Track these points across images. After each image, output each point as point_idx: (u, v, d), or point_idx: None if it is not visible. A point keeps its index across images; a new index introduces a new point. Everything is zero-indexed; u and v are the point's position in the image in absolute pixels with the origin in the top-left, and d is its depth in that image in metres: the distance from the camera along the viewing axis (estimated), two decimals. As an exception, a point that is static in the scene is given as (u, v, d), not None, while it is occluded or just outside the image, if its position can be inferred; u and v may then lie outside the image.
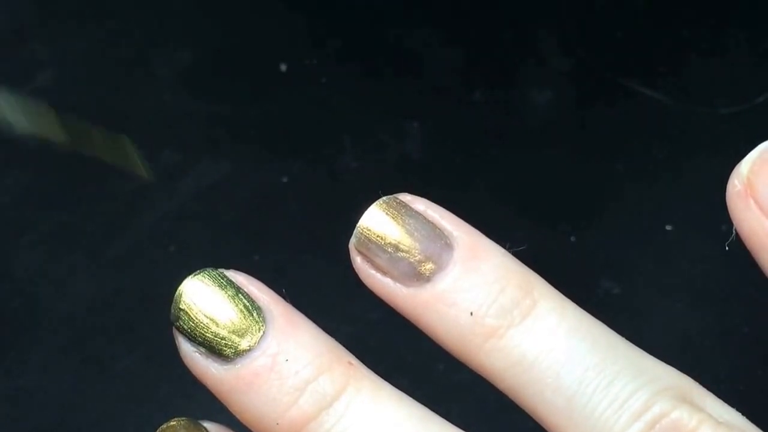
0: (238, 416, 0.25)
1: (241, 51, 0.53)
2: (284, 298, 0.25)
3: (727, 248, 0.26)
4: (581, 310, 0.25)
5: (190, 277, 0.25)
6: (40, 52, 0.52)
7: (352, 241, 0.25)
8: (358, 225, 0.25)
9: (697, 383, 0.24)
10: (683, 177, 0.50)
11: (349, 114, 0.51)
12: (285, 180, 0.50)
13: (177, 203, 0.49)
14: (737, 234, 0.24)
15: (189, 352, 0.25)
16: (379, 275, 0.25)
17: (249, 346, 0.25)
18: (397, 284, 0.25)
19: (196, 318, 0.25)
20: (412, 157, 0.50)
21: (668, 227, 0.49)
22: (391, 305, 0.25)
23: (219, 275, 0.25)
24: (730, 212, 0.24)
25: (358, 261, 0.25)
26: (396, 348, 0.44)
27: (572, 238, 0.49)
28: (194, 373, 0.25)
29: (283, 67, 0.52)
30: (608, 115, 0.53)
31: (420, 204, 0.25)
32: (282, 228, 0.49)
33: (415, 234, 0.25)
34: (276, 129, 0.51)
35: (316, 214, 0.49)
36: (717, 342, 0.46)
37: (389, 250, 0.25)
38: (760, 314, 0.46)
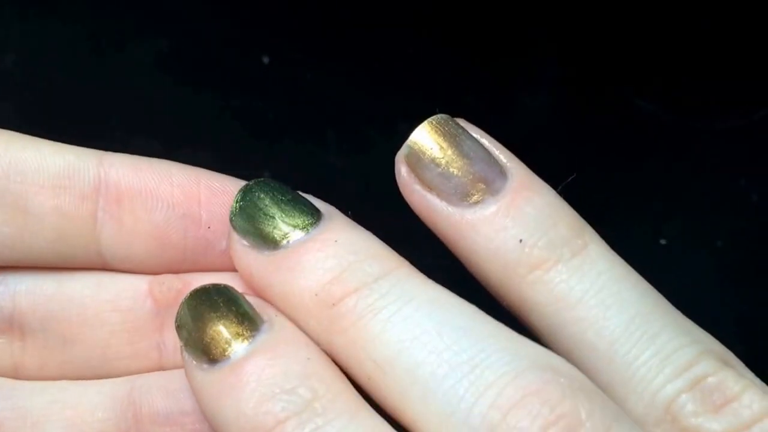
0: (278, 300, 0.24)
1: (222, 40, 0.51)
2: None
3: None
4: (629, 266, 0.24)
5: (253, 181, 0.25)
6: (6, 36, 0.50)
7: (402, 152, 0.24)
8: (410, 137, 0.24)
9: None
10: (678, 190, 0.49)
11: (334, 111, 0.50)
12: (267, 175, 0.48)
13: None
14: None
15: (240, 248, 0.24)
16: (424, 191, 0.24)
17: (300, 234, 0.24)
18: (443, 202, 0.24)
19: (250, 212, 0.24)
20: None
21: (663, 241, 0.47)
22: (431, 225, 0.24)
23: (280, 184, 0.25)
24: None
25: (403, 173, 0.24)
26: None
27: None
28: (242, 267, 0.24)
29: (266, 60, 0.50)
30: (602, 125, 0.51)
31: (476, 131, 0.25)
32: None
33: (471, 154, 0.24)
34: (257, 123, 0.49)
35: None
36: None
37: (442, 164, 0.24)
38: (753, 333, 0.45)
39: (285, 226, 0.24)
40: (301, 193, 0.25)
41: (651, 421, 0.22)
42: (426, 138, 0.24)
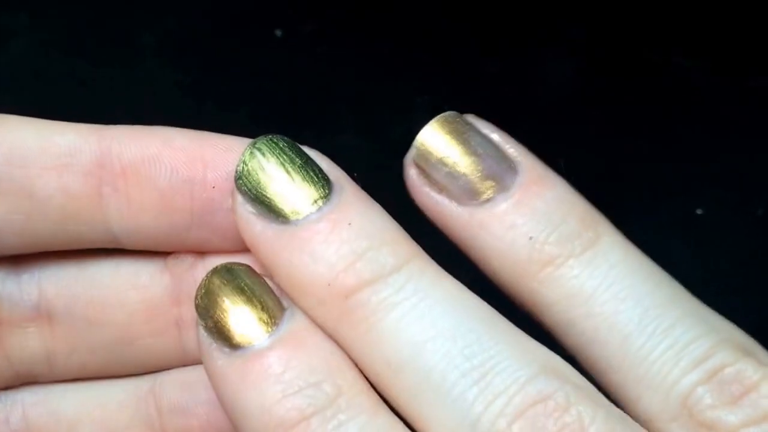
0: (284, 281, 0.23)
1: (233, 14, 0.50)
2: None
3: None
4: (645, 255, 0.24)
5: (261, 138, 0.24)
6: (16, 19, 0.49)
7: (410, 154, 0.24)
8: (417, 138, 0.24)
9: (761, 346, 0.23)
10: (713, 156, 0.47)
11: (350, 87, 0.48)
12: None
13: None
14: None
15: (245, 214, 0.24)
16: (433, 192, 0.24)
17: (310, 210, 0.23)
18: (452, 202, 0.24)
19: (257, 177, 0.24)
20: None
21: (699, 211, 0.45)
22: (442, 226, 0.24)
23: (290, 144, 0.24)
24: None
25: (412, 175, 0.24)
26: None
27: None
28: (247, 236, 0.24)
29: (279, 33, 0.49)
30: (629, 89, 0.50)
31: (485, 127, 0.24)
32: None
33: (479, 151, 0.24)
34: (269, 102, 0.48)
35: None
36: (752, 335, 0.43)
37: (449, 164, 0.24)
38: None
39: (294, 198, 0.23)
40: (309, 151, 0.24)
41: (667, 418, 0.22)
42: (433, 137, 0.24)
